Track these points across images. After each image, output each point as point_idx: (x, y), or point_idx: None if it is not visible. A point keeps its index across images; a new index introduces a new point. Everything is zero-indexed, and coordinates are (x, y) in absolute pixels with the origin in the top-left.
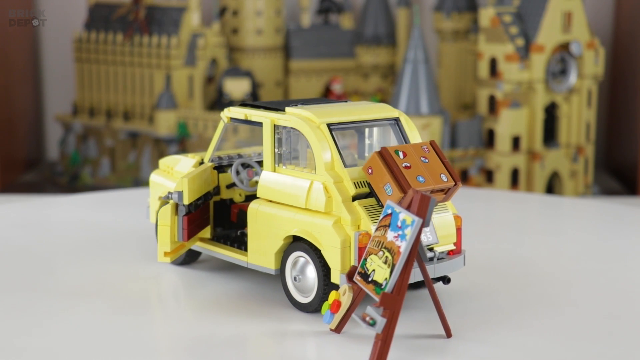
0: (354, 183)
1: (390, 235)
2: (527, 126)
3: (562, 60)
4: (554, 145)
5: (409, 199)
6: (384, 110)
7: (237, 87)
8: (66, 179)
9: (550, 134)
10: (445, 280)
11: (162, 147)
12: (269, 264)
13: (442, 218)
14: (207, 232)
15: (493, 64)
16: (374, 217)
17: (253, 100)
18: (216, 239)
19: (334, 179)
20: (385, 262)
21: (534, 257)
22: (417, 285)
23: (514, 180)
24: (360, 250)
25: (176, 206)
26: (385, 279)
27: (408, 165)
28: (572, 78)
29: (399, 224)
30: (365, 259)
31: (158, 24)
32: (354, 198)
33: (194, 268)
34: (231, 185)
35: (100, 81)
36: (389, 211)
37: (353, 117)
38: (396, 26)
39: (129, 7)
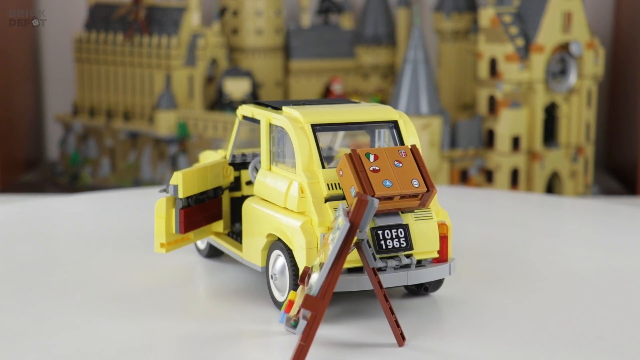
0: (328, 184)
1: (330, 238)
2: (527, 126)
3: (562, 60)
4: (554, 145)
5: (353, 202)
6: (382, 113)
7: (237, 87)
8: (66, 179)
9: (550, 134)
10: (422, 288)
11: (162, 147)
12: (257, 261)
13: (424, 225)
14: (219, 227)
15: (493, 64)
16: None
17: (253, 101)
18: (232, 234)
19: (310, 179)
20: (319, 265)
21: (534, 257)
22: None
23: (514, 180)
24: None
25: (175, 200)
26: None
27: (377, 168)
28: (572, 78)
29: (337, 226)
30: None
31: (158, 24)
32: (329, 199)
33: (198, 265)
34: (250, 182)
35: (100, 81)
36: (337, 214)
37: (344, 119)
38: (396, 26)
39: (129, 7)
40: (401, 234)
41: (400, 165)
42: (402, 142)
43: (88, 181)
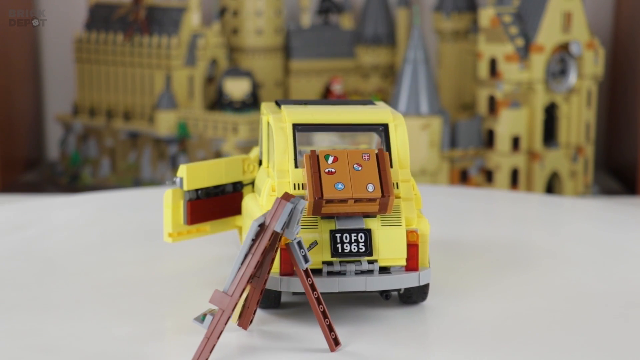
0: (294, 184)
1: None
2: (526, 126)
3: (562, 60)
4: (554, 145)
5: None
6: (373, 116)
7: (237, 87)
8: (66, 179)
9: (550, 134)
10: (383, 295)
11: (162, 147)
12: None
13: (390, 231)
14: (239, 221)
15: (493, 64)
16: (304, 220)
17: (253, 101)
18: None
19: (280, 178)
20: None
21: (534, 257)
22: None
23: (514, 180)
24: (282, 251)
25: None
26: None
27: (332, 170)
28: (572, 78)
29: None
30: None
31: (158, 24)
32: None
33: (201, 260)
34: None
35: (100, 81)
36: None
37: (330, 120)
38: (396, 26)
39: (129, 7)
40: (361, 238)
41: (360, 168)
42: (388, 147)
43: (88, 181)
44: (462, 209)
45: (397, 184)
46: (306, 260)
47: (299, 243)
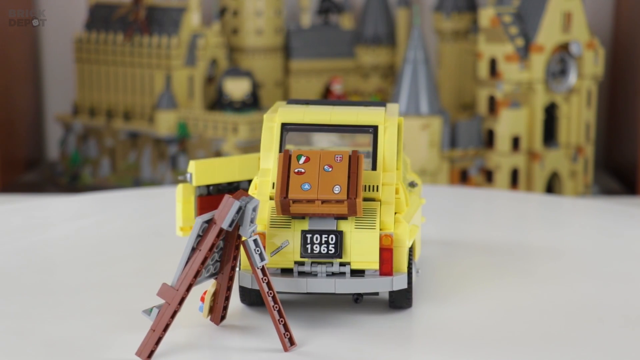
0: (273, 183)
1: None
2: (526, 126)
3: (562, 60)
4: (554, 145)
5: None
6: (365, 117)
7: (237, 87)
8: (66, 179)
9: (550, 134)
10: (354, 298)
11: (162, 147)
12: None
13: (362, 234)
14: None
15: (493, 64)
16: (275, 219)
17: (253, 101)
18: None
19: (262, 176)
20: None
21: (534, 257)
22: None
23: (514, 180)
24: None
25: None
26: None
27: (302, 171)
28: (572, 78)
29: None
30: None
31: (158, 24)
32: (273, 198)
33: None
34: None
35: (100, 81)
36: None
37: (321, 120)
38: (396, 26)
39: (129, 7)
40: (331, 240)
41: (330, 170)
42: (375, 149)
43: (88, 181)
44: (462, 209)
45: (376, 186)
46: (262, 259)
47: (255, 241)
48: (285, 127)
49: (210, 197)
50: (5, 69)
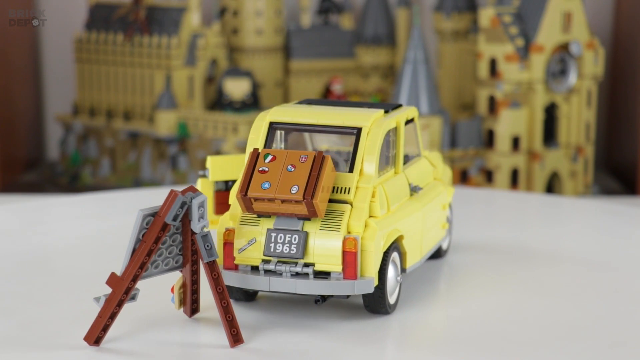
0: None
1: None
2: (526, 126)
3: (562, 60)
4: (554, 145)
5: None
6: (351, 119)
7: (237, 87)
8: (66, 179)
9: (550, 134)
10: (315, 299)
11: (162, 147)
12: None
13: (326, 236)
14: None
15: (493, 64)
16: (246, 217)
17: (253, 101)
18: None
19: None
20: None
21: (534, 257)
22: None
23: (514, 180)
24: (225, 245)
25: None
26: None
27: (265, 169)
28: (572, 78)
29: None
30: None
31: (158, 24)
32: None
33: None
34: None
35: (100, 81)
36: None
37: (308, 120)
38: (396, 26)
39: (129, 7)
40: (295, 240)
41: (293, 170)
42: (355, 151)
43: (88, 181)
44: (462, 209)
45: (349, 189)
46: (209, 255)
47: (204, 237)
48: (273, 126)
49: (227, 192)
50: (5, 69)
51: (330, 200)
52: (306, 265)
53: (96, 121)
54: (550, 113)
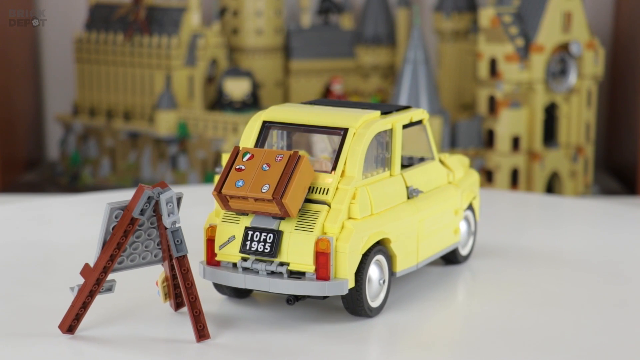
0: None
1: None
2: (527, 126)
3: (562, 60)
4: (554, 145)
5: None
6: (339, 120)
7: (237, 87)
8: (66, 179)
9: (550, 134)
10: (286, 299)
11: (162, 147)
12: None
13: (299, 236)
14: None
15: (493, 64)
16: (228, 214)
17: (253, 101)
18: None
19: None
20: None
21: (534, 257)
22: None
23: (514, 180)
24: (208, 241)
25: None
26: None
27: (242, 168)
28: (572, 78)
29: None
30: None
31: (158, 24)
32: None
33: None
34: None
35: (100, 81)
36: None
37: (299, 120)
38: (396, 26)
39: (129, 7)
40: (269, 239)
41: (267, 168)
42: (339, 151)
43: (88, 181)
44: None
45: (327, 190)
46: (178, 250)
47: (174, 232)
48: (266, 125)
49: None
50: (5, 69)
51: (310, 201)
52: (282, 264)
53: (96, 121)
54: (550, 113)
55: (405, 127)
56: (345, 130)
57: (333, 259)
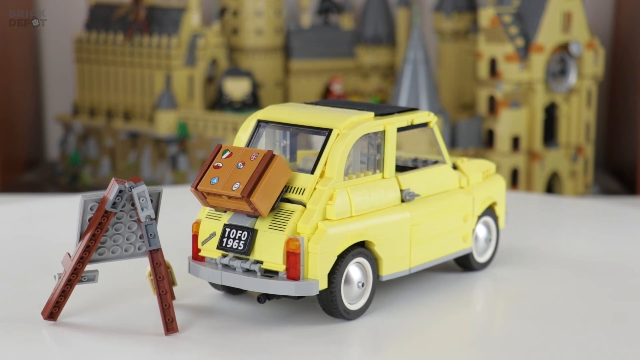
0: None
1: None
2: (526, 126)
3: (562, 60)
4: (554, 145)
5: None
6: (324, 121)
7: (237, 87)
8: (66, 179)
9: (550, 134)
10: (257, 297)
11: (162, 147)
12: None
13: (272, 235)
14: None
15: (493, 64)
16: (212, 210)
17: (253, 101)
18: None
19: None
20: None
21: (533, 257)
22: None
23: (514, 180)
24: (194, 237)
25: None
26: None
27: (219, 165)
28: (572, 78)
29: None
30: None
31: (158, 24)
32: None
33: None
34: None
35: (100, 81)
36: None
37: (289, 120)
38: (396, 26)
39: (129, 7)
40: (243, 236)
41: (242, 167)
42: (321, 151)
43: (88, 181)
44: None
45: (303, 190)
46: (150, 244)
47: (147, 226)
48: (260, 124)
49: None
50: (5, 69)
51: (288, 200)
52: (257, 262)
53: (96, 121)
54: (550, 113)
55: (402, 129)
56: (330, 131)
57: (304, 259)
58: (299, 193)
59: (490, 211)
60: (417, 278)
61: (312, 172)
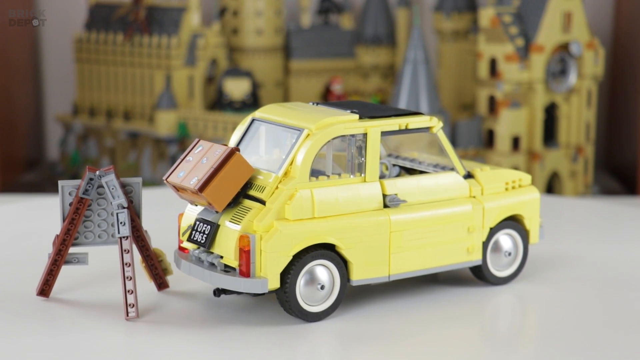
0: None
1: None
2: (527, 126)
3: (562, 60)
4: (554, 145)
5: None
6: (301, 121)
7: (237, 87)
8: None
9: (550, 134)
10: (213, 291)
11: (162, 147)
12: None
13: (226, 230)
14: None
15: (493, 64)
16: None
17: (253, 101)
18: None
19: None
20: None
21: (533, 257)
22: None
23: None
24: (179, 228)
25: None
26: None
27: (190, 159)
28: (572, 78)
29: None
30: None
31: (158, 24)
32: None
33: None
34: None
35: (100, 81)
36: None
37: (280, 119)
38: (396, 26)
39: (129, 7)
40: (206, 230)
41: (205, 161)
42: (289, 151)
43: None
44: None
45: (264, 188)
46: (120, 231)
47: (118, 215)
48: (254, 122)
49: None
50: (5, 69)
51: (249, 197)
52: (221, 257)
53: (96, 121)
54: (550, 113)
55: (391, 133)
56: (301, 130)
57: (255, 257)
58: (260, 191)
59: (514, 224)
60: (423, 287)
61: (278, 170)
